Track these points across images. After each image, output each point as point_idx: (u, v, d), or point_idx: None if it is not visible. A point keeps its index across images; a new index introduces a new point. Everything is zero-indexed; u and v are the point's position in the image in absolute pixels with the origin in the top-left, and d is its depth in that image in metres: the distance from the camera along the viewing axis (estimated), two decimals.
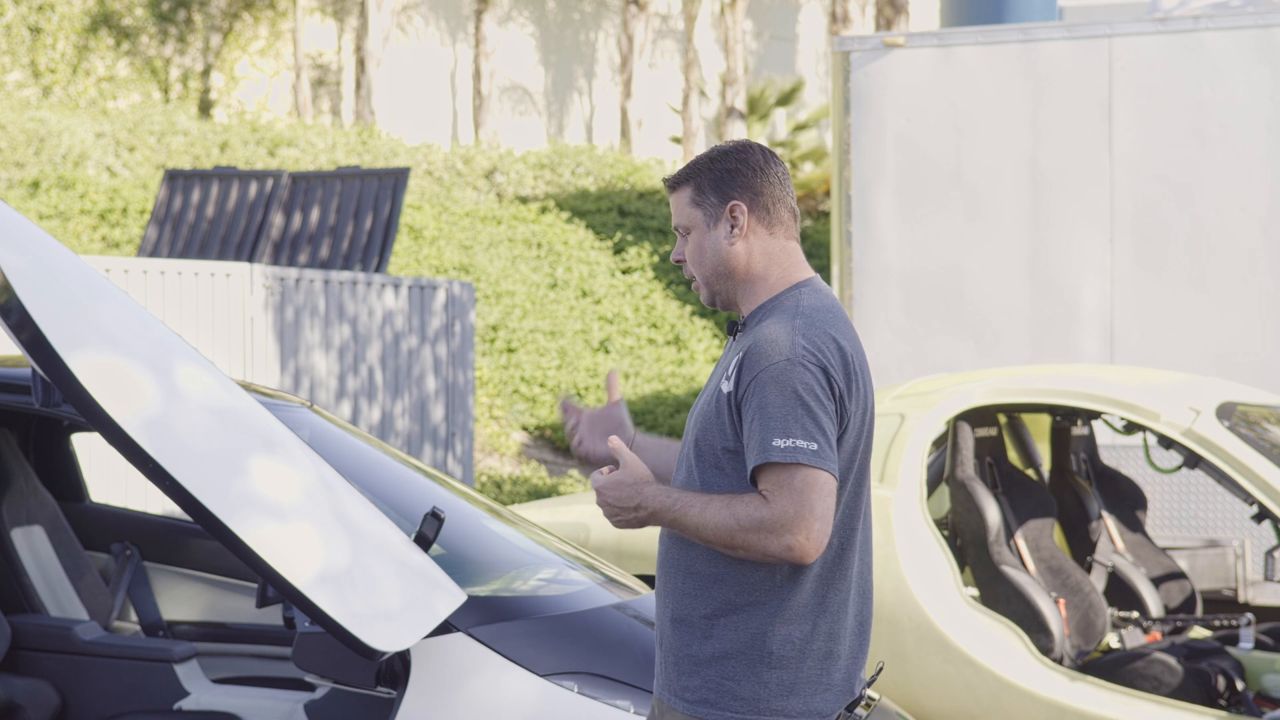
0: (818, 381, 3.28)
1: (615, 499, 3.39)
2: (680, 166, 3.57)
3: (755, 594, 3.33)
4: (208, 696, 5.40)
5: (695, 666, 3.37)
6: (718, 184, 3.47)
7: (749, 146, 3.52)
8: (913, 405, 6.61)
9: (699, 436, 3.41)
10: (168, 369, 4.22)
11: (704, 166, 3.49)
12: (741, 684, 3.33)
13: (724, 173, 3.47)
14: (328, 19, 30.02)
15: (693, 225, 3.49)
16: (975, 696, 6.27)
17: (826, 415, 3.28)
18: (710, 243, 3.47)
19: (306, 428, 5.36)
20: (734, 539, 3.27)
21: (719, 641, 3.34)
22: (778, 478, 3.25)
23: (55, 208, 18.69)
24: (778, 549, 3.25)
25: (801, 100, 29.57)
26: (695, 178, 3.49)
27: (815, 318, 3.36)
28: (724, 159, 3.49)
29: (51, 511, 5.93)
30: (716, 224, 3.47)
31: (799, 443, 3.24)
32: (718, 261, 3.47)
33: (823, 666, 3.35)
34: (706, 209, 3.47)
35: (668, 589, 3.44)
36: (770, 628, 3.32)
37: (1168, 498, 8.89)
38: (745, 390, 3.31)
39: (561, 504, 7.72)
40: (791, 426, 3.25)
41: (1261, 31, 9.29)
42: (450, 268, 19.03)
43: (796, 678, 3.33)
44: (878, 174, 9.89)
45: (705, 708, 3.35)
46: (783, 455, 3.23)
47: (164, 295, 11.78)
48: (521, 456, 16.75)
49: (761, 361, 3.30)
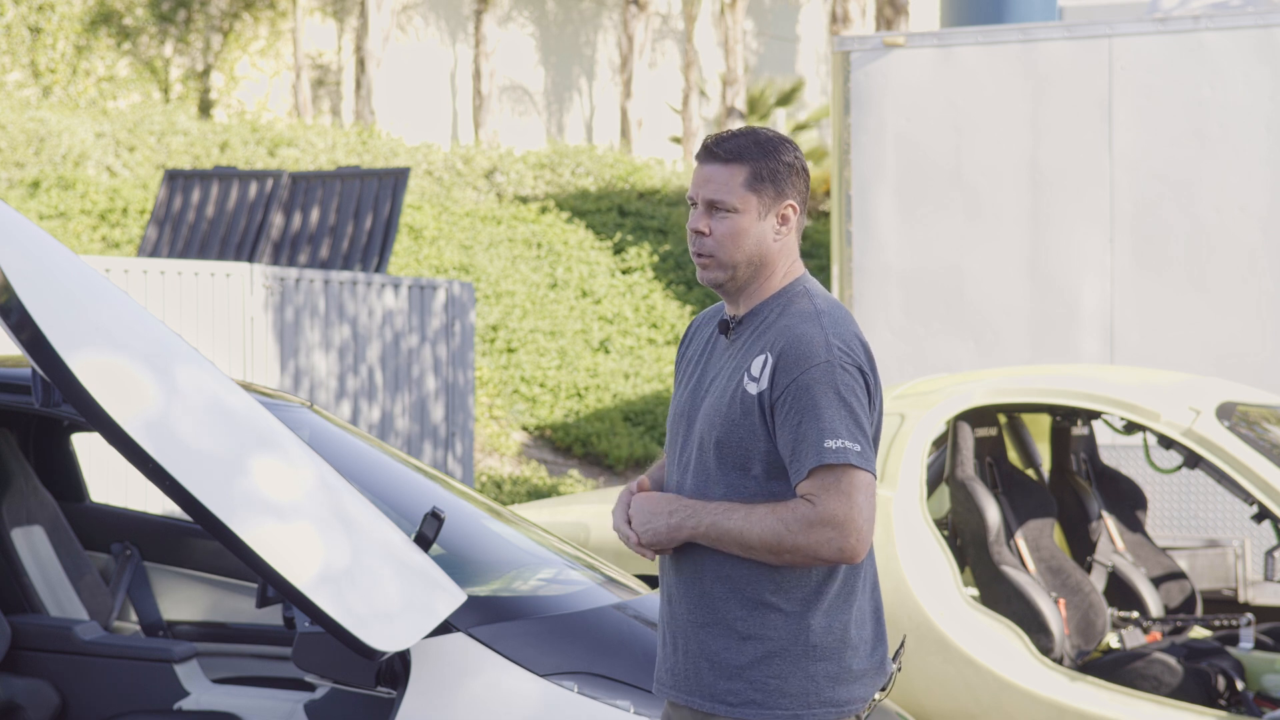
0: (856, 382, 3.30)
1: (649, 506, 3.40)
2: (723, 136, 3.45)
3: (789, 589, 3.33)
4: (208, 696, 5.40)
5: (737, 669, 3.35)
6: (777, 177, 3.40)
7: (796, 145, 3.47)
8: (913, 405, 6.61)
9: (721, 438, 3.37)
10: (168, 369, 4.22)
11: (764, 153, 3.41)
12: (789, 680, 3.33)
13: (786, 167, 3.41)
14: (328, 19, 30.03)
15: (742, 209, 3.40)
16: (975, 696, 6.27)
17: (865, 416, 3.30)
18: (757, 232, 3.40)
19: (306, 428, 5.35)
20: (782, 543, 3.26)
21: (760, 642, 3.33)
22: (824, 480, 3.25)
23: (55, 208, 18.68)
24: (830, 552, 3.25)
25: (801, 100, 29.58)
26: (754, 161, 3.40)
27: (836, 316, 3.37)
28: (784, 150, 3.42)
29: (51, 511, 5.93)
30: (766, 216, 3.41)
31: (846, 444, 3.25)
32: (757, 253, 3.41)
33: (860, 653, 3.37)
34: (764, 198, 3.40)
35: (694, 595, 3.40)
36: (810, 621, 3.33)
37: (1168, 498, 8.89)
38: (783, 392, 3.30)
39: (561, 504, 7.72)
40: (839, 428, 3.25)
41: (1261, 31, 9.29)
42: (450, 268, 19.02)
43: (840, 667, 3.34)
44: (878, 174, 9.89)
45: (753, 709, 3.34)
46: (834, 456, 3.24)
47: (164, 295, 11.77)
48: (521, 456, 16.74)
49: (801, 364, 3.29)
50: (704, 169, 3.43)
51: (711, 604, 3.38)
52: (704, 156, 3.44)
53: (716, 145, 3.42)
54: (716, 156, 3.41)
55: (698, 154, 3.47)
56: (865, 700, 3.37)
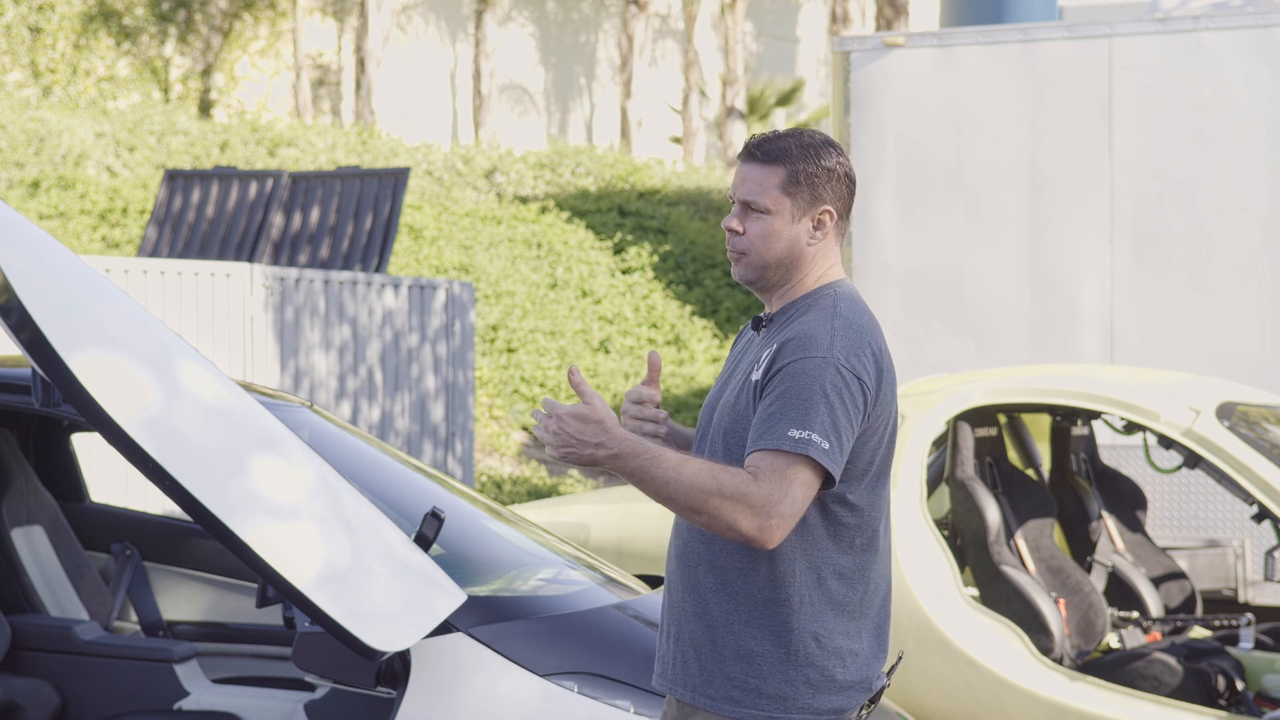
0: (846, 385, 3.27)
1: (577, 431, 3.23)
2: (765, 137, 3.45)
3: (781, 591, 3.31)
4: (208, 696, 5.40)
5: (718, 664, 3.34)
6: (815, 181, 3.40)
7: (840, 148, 3.46)
8: (913, 405, 6.62)
9: (730, 427, 3.37)
10: (168, 369, 4.22)
11: (803, 156, 3.41)
12: (768, 682, 3.31)
13: (825, 172, 3.41)
14: (328, 19, 30.03)
15: (776, 210, 3.40)
16: (975, 696, 6.27)
17: (846, 418, 3.26)
18: (790, 235, 3.40)
19: (306, 428, 5.36)
20: (707, 503, 3.19)
21: (744, 639, 3.32)
22: (773, 461, 3.22)
23: (55, 208, 18.68)
24: (748, 527, 3.19)
25: (801, 100, 29.58)
26: (792, 164, 3.40)
27: (852, 319, 3.36)
28: (825, 155, 3.42)
29: (51, 511, 5.93)
30: (801, 219, 3.41)
31: (814, 437, 3.22)
32: (790, 255, 3.41)
33: (850, 665, 3.34)
34: (798, 201, 3.40)
35: (688, 583, 3.39)
36: (796, 625, 3.31)
37: (1168, 498, 8.89)
38: (771, 376, 3.29)
39: (561, 504, 7.72)
40: (810, 420, 3.23)
41: (1261, 31, 9.29)
42: (450, 268, 19.03)
43: (823, 676, 3.32)
44: (878, 174, 9.89)
45: (730, 706, 3.32)
46: (793, 445, 3.21)
47: (164, 295, 11.78)
48: (521, 456, 16.75)
49: (796, 353, 3.28)
50: (743, 168, 3.45)
51: (701, 595, 3.37)
52: (744, 156, 3.45)
53: (757, 146, 3.44)
54: (755, 157, 3.43)
55: (740, 153, 3.49)
56: (848, 711, 3.34)
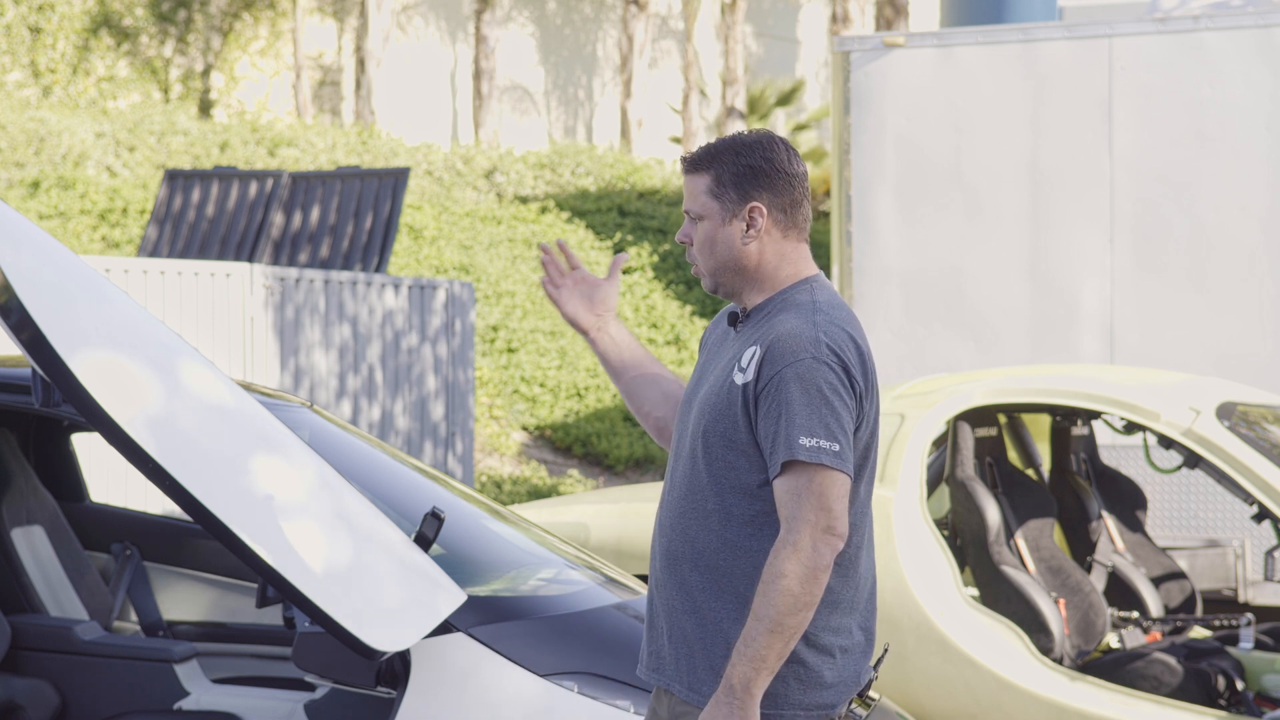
0: (840, 380, 3.27)
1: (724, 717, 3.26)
2: (700, 146, 3.45)
3: None
4: (208, 696, 5.40)
5: (711, 662, 3.35)
6: (739, 180, 3.38)
7: (774, 141, 3.41)
8: (913, 405, 6.61)
9: (708, 426, 3.36)
10: (168, 369, 4.22)
11: (726, 157, 3.39)
12: None
13: (747, 169, 3.38)
14: (328, 19, 30.01)
15: (708, 215, 3.40)
16: (975, 696, 6.27)
17: (848, 414, 3.27)
18: (724, 237, 3.40)
19: (306, 428, 5.35)
20: (799, 595, 3.20)
21: (734, 636, 3.32)
22: (796, 481, 3.23)
23: (55, 208, 18.69)
24: (828, 553, 3.22)
25: (801, 101, 29.57)
26: (716, 167, 3.39)
27: (833, 315, 3.35)
28: (748, 153, 3.39)
29: (51, 511, 5.93)
30: (732, 220, 3.39)
31: (823, 443, 3.22)
32: (728, 257, 3.41)
33: (837, 663, 3.35)
34: (725, 203, 3.39)
35: (676, 581, 3.39)
36: None
37: (1168, 498, 8.89)
38: (766, 384, 3.28)
39: (561, 504, 7.72)
40: (815, 425, 3.23)
41: (1261, 31, 9.29)
42: (450, 268, 19.02)
43: (810, 673, 3.33)
44: (878, 174, 9.89)
45: None
46: (808, 454, 3.21)
47: (164, 295, 11.78)
48: (521, 456, 16.75)
49: (786, 357, 3.27)
50: (684, 180, 3.46)
51: (691, 593, 3.37)
52: (682, 167, 3.46)
53: (687, 155, 3.44)
54: (687, 167, 3.44)
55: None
56: (837, 705, 3.35)
